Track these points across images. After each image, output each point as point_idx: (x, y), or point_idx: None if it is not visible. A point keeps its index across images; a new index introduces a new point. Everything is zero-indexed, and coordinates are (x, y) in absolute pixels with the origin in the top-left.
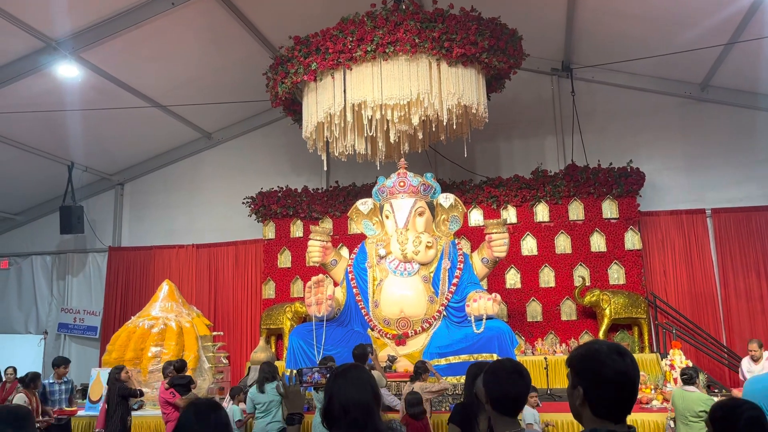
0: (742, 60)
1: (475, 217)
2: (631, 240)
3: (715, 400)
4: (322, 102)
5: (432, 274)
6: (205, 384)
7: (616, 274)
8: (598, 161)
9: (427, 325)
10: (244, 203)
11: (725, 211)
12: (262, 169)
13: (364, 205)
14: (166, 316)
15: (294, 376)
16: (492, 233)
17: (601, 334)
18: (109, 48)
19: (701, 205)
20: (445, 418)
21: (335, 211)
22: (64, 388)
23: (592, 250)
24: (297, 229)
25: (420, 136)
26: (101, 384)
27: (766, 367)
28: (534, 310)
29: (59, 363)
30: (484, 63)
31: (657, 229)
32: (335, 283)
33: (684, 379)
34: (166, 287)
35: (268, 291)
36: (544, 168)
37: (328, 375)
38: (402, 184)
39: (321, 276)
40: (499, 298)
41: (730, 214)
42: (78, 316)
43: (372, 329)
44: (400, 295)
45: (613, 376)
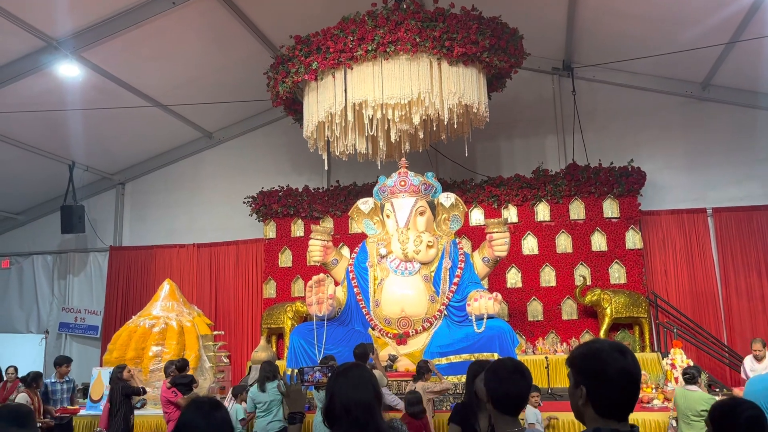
0: (743, 59)
1: (476, 216)
2: (632, 239)
3: (717, 399)
4: (323, 101)
5: (433, 274)
6: (206, 383)
7: (617, 274)
8: (599, 160)
9: (428, 324)
10: (245, 203)
11: (726, 210)
12: (263, 168)
13: (365, 204)
14: (167, 315)
15: (295, 375)
16: (493, 232)
17: (602, 333)
18: (110, 47)
19: (702, 204)
20: (447, 418)
21: (336, 210)
22: (65, 387)
23: (593, 249)
24: (298, 229)
25: (421, 136)
26: (102, 383)
27: None
28: (535, 310)
29: (61, 362)
30: (485, 62)
31: (658, 229)
32: (336, 283)
33: (686, 378)
34: (167, 287)
35: (269, 290)
36: (545, 167)
37: (330, 374)
38: (403, 184)
39: (322, 275)
40: (500, 297)
41: (731, 213)
42: (79, 316)
43: (373, 328)
44: (401, 294)
45: (615, 374)
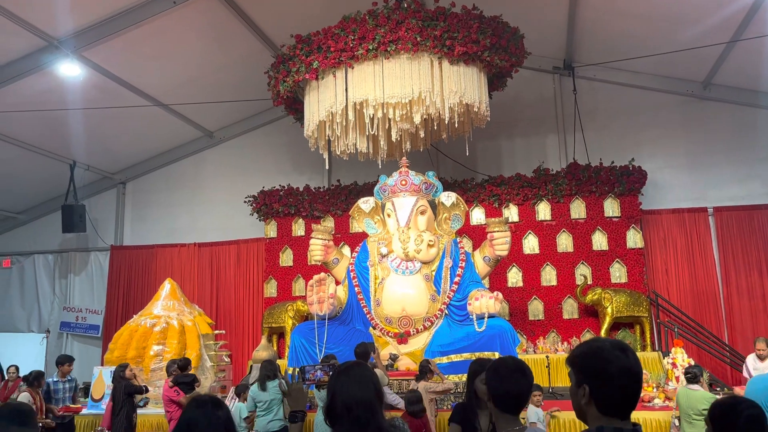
0: (744, 58)
1: (477, 215)
2: (633, 238)
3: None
4: (324, 100)
5: (434, 273)
6: (207, 382)
7: (618, 273)
8: (600, 159)
9: (429, 323)
10: (245, 202)
11: (727, 210)
12: (264, 167)
13: (365, 203)
14: (168, 314)
15: (297, 374)
16: (494, 232)
17: (602, 332)
18: (111, 47)
19: (703, 203)
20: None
21: (337, 209)
22: (67, 386)
23: (594, 248)
24: (299, 228)
25: (422, 135)
26: (103, 382)
27: None
28: (536, 309)
29: (63, 361)
30: (486, 61)
31: (659, 228)
32: (337, 282)
33: (688, 377)
34: (168, 286)
35: (270, 289)
36: (545, 166)
37: (331, 373)
38: (404, 183)
39: (323, 274)
40: (500, 296)
41: (732, 212)
42: (80, 315)
43: (374, 328)
44: (402, 293)
45: (618, 372)
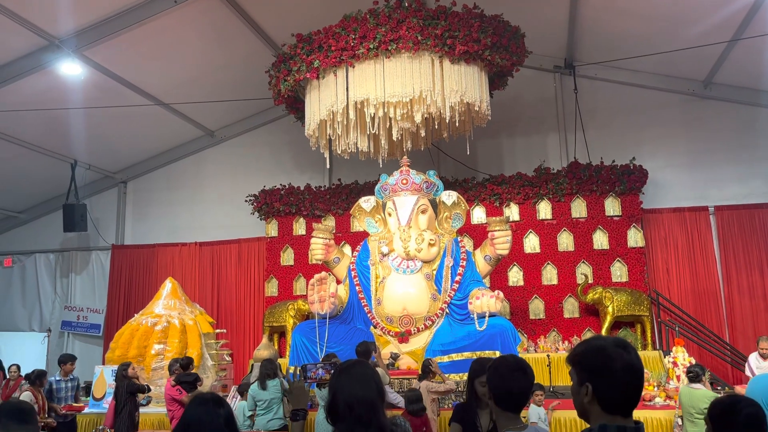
0: (745, 57)
1: (478, 214)
2: (634, 237)
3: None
4: (325, 100)
5: (435, 272)
6: (208, 381)
7: (619, 272)
8: (601, 159)
9: (430, 322)
10: (246, 201)
11: (728, 209)
12: (265, 167)
13: (366, 202)
14: (169, 313)
15: (298, 372)
16: (495, 231)
17: (603, 331)
18: (112, 46)
19: (704, 202)
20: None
21: (338, 208)
22: (70, 385)
23: (595, 247)
24: (300, 227)
25: (422, 134)
26: (105, 381)
27: None
28: (536, 308)
29: (66, 360)
30: (487, 60)
31: (660, 227)
32: (338, 281)
33: (690, 376)
34: (169, 285)
35: (271, 289)
36: (546, 165)
37: (332, 371)
38: (405, 182)
39: (324, 273)
40: (501, 295)
41: (733, 211)
42: (81, 314)
43: (375, 327)
44: (403, 292)
45: (620, 370)
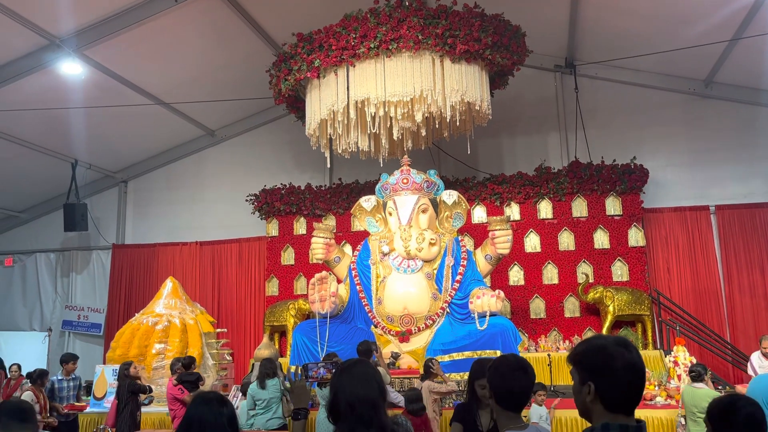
0: (746, 56)
1: (479, 214)
2: (635, 237)
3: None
4: (326, 99)
5: (435, 271)
6: (209, 381)
7: (620, 271)
8: (602, 158)
9: (431, 322)
10: (247, 200)
11: (729, 208)
12: (266, 166)
13: (367, 202)
14: (170, 313)
15: (300, 371)
16: (495, 230)
17: (604, 330)
18: (113, 46)
19: (705, 201)
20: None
21: (338, 208)
22: (72, 384)
23: (596, 246)
24: (300, 227)
25: (423, 133)
26: (105, 381)
27: None
28: (537, 307)
29: (68, 359)
30: (488, 59)
31: (661, 226)
32: (339, 280)
33: (692, 376)
34: (169, 284)
35: (272, 288)
36: (547, 165)
37: (334, 370)
38: (405, 181)
39: (324, 273)
40: (502, 294)
41: (733, 210)
42: (82, 314)
43: (375, 326)
44: (404, 292)
45: (622, 368)
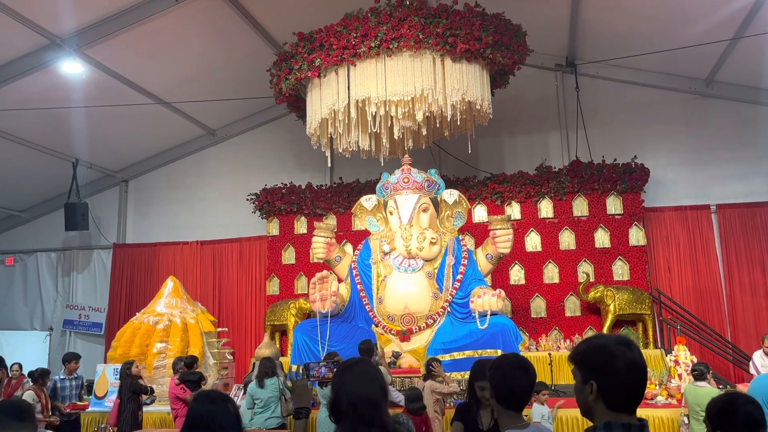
0: (747, 55)
1: (479, 213)
2: (636, 236)
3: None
4: (326, 98)
5: (436, 270)
6: (210, 380)
7: (621, 270)
8: (603, 157)
9: (432, 321)
10: (248, 200)
11: (730, 207)
12: (266, 165)
13: (368, 201)
14: (170, 312)
15: (301, 370)
16: (496, 229)
17: (605, 330)
18: (114, 45)
19: (706, 200)
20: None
21: (339, 207)
22: (74, 384)
23: (597, 246)
24: (301, 226)
25: (424, 133)
26: (106, 380)
27: None
28: (538, 306)
29: (70, 359)
30: (488, 59)
31: (661, 225)
32: (339, 280)
33: (695, 374)
34: (170, 284)
35: (273, 287)
36: (548, 164)
37: (335, 369)
38: (406, 181)
39: (325, 272)
40: (503, 294)
41: (734, 209)
42: (83, 313)
43: (376, 325)
44: (405, 291)
45: (624, 367)
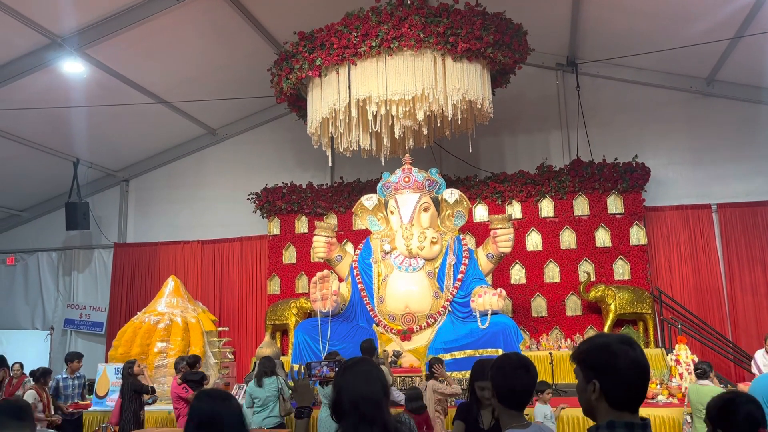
0: (748, 54)
1: (480, 212)
2: (637, 235)
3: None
4: (327, 97)
5: (437, 270)
6: (211, 379)
7: (622, 270)
8: (603, 156)
9: (432, 320)
10: (248, 199)
11: (731, 206)
12: (267, 165)
13: (368, 200)
14: (171, 311)
15: (303, 370)
16: (497, 229)
17: (606, 329)
18: (114, 44)
19: (707, 200)
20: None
21: (340, 206)
22: (76, 383)
23: (597, 245)
24: (302, 225)
25: (425, 132)
26: (107, 379)
27: None
28: (539, 306)
29: (72, 358)
30: (489, 58)
31: (662, 225)
32: (340, 279)
33: (698, 373)
34: (171, 283)
35: (273, 287)
36: (548, 163)
37: (337, 369)
38: (407, 180)
39: (326, 272)
40: (504, 293)
41: (735, 208)
42: (84, 312)
43: (377, 325)
44: (405, 290)
45: (627, 366)
